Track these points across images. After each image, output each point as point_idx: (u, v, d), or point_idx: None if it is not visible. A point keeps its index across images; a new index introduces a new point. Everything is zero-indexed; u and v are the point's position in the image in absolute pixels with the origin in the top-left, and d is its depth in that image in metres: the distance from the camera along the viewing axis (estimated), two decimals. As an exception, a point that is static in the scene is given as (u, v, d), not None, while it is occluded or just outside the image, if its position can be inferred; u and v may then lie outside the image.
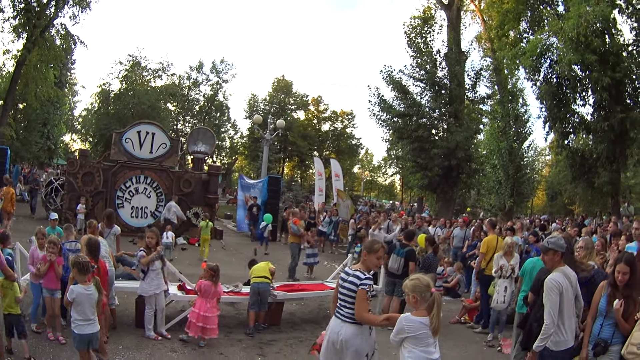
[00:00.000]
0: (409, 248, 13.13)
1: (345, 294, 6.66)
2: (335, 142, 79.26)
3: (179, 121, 70.14)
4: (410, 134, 36.53)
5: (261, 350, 10.47)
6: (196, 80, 69.82)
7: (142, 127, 27.02)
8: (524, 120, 43.09)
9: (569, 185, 46.21)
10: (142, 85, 58.32)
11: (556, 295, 6.76)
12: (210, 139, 32.80)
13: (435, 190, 39.04)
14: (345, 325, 6.59)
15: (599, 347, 7.12)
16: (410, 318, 5.94)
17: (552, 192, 72.01)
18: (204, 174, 29.27)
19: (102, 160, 27.04)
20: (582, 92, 32.84)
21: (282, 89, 76.90)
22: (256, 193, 31.40)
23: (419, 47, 37.74)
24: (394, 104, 38.53)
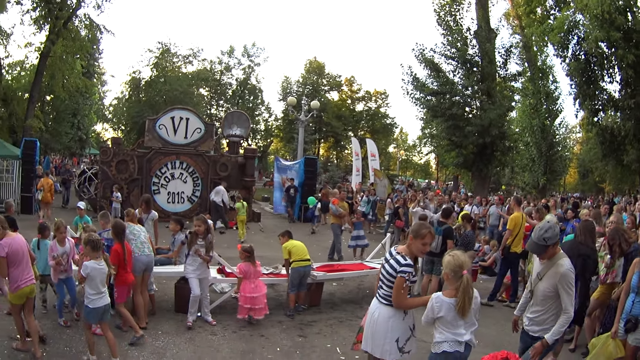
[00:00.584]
0: (446, 226, 13.11)
1: (384, 275, 6.53)
2: (369, 121, 78.71)
3: (212, 106, 70.32)
4: (444, 112, 36.36)
5: (301, 332, 10.52)
6: (228, 64, 69.75)
7: (175, 112, 27.12)
8: (554, 97, 42.86)
9: (600, 163, 45.96)
10: (173, 71, 58.40)
11: (573, 286, 6.13)
12: (245, 122, 32.80)
13: (471, 168, 38.91)
14: (380, 306, 6.55)
15: (630, 323, 7.23)
16: (441, 298, 5.99)
17: (583, 169, 71.58)
18: (240, 157, 29.35)
19: (136, 148, 27.22)
20: (609, 69, 32.66)
21: (314, 71, 76.64)
22: (292, 175, 31.55)
23: (449, 25, 37.51)
24: (426, 83, 38.39)
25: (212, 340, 9.73)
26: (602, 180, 64.45)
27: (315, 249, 20.63)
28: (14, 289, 8.19)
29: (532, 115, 42.38)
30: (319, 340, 10.08)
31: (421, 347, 9.12)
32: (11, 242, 8.18)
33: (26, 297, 8.32)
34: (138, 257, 10.24)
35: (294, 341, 9.95)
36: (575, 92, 34.12)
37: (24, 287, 8.21)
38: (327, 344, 9.88)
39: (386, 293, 6.46)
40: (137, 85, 57.22)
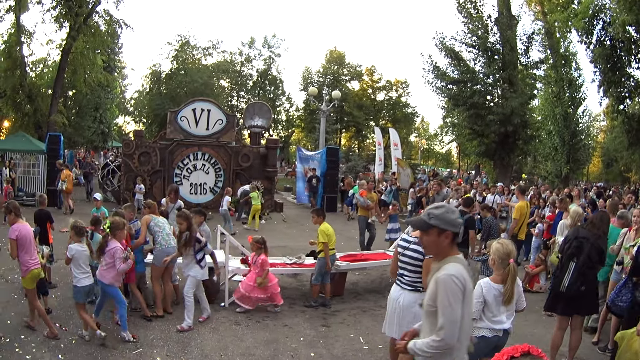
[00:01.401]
0: (468, 216, 12.97)
1: (408, 262, 7.04)
2: (390, 111, 78.31)
3: (233, 97, 69.95)
4: (466, 100, 36.25)
5: (325, 321, 10.55)
6: (248, 56, 69.53)
7: (197, 104, 27.15)
8: (577, 85, 42.52)
9: (626, 152, 45.52)
10: (193, 63, 58.45)
11: (456, 302, 4.22)
12: (267, 112, 32.81)
13: (493, 157, 38.76)
14: (405, 292, 7.00)
15: None
16: (489, 283, 6.31)
17: (607, 159, 70.93)
18: (262, 147, 29.34)
19: (158, 140, 27.34)
20: (638, 54, 32.13)
21: (335, 60, 76.20)
22: (315, 165, 31.40)
23: (469, 13, 37.32)
24: (447, 71, 38.27)
25: (235, 330, 9.78)
26: (628, 169, 64.03)
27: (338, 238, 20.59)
28: (25, 272, 8.93)
29: (555, 104, 42.08)
30: (342, 330, 10.09)
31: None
32: (21, 228, 9.02)
33: (37, 279, 9.11)
34: (165, 249, 10.41)
35: (318, 331, 9.97)
36: (600, 79, 33.74)
37: (32, 269, 8.95)
38: (350, 334, 9.89)
39: (410, 279, 7.00)
40: (157, 78, 57.31)
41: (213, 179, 27.04)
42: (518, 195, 14.83)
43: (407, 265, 7.09)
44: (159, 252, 10.38)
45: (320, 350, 9.02)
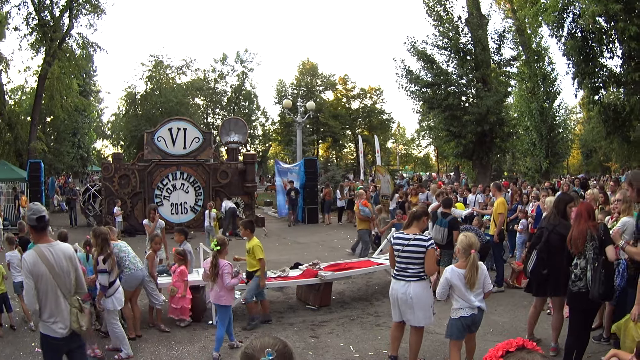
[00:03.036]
0: (451, 217, 13.10)
1: (412, 257, 8.06)
2: (366, 118, 78.64)
3: (208, 114, 70.11)
4: (440, 102, 36.17)
5: (314, 332, 10.49)
6: (222, 72, 69.70)
7: (173, 123, 27.32)
8: (551, 79, 42.75)
9: (604, 142, 45.76)
10: (168, 83, 58.53)
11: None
12: (243, 128, 32.83)
13: (471, 157, 38.73)
14: (411, 284, 8.02)
15: None
16: (453, 269, 7.57)
17: (587, 150, 71.22)
18: (240, 163, 29.38)
19: (137, 161, 27.42)
20: (609, 44, 32.19)
21: (308, 72, 76.43)
22: (293, 177, 31.50)
23: (439, 15, 37.34)
24: (420, 75, 38.23)
25: (225, 347, 9.65)
26: (608, 159, 64.39)
27: (321, 249, 20.67)
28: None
29: (530, 99, 42.30)
30: (331, 340, 10.05)
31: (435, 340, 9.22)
32: None
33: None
34: (134, 273, 10.26)
35: (307, 342, 9.93)
36: (574, 71, 33.72)
37: None
38: (340, 343, 9.86)
39: (415, 271, 8.05)
40: (132, 99, 57.30)
41: (193, 197, 27.07)
42: (495, 192, 14.98)
43: (411, 259, 8.07)
44: (128, 276, 10.20)
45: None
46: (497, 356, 2.50)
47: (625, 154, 44.10)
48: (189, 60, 64.82)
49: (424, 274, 8.09)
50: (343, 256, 18.34)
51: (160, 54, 59.08)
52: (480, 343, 8.51)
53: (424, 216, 8.58)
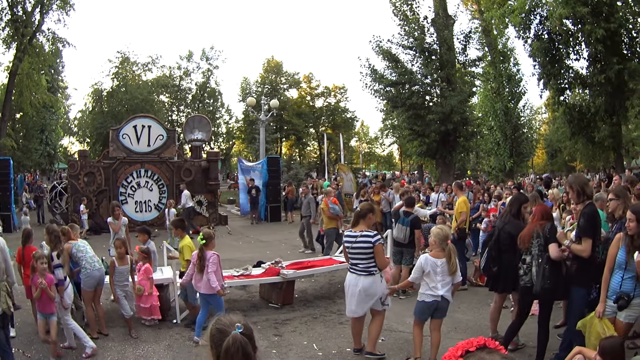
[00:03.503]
0: (413, 216, 13.15)
1: (360, 252, 8.62)
2: (330, 117, 78.68)
3: (173, 112, 69.53)
4: (404, 101, 36.21)
5: (277, 330, 10.52)
6: (187, 69, 69.28)
7: (137, 121, 27.26)
8: (517, 79, 43.01)
9: (569, 142, 46.13)
10: (134, 80, 58.22)
11: None
12: (206, 125, 32.87)
13: (434, 156, 38.83)
14: (361, 277, 8.62)
15: (622, 300, 7.14)
16: (427, 257, 8.28)
17: (551, 149, 71.58)
18: (203, 161, 29.40)
19: (102, 159, 27.33)
20: (576, 47, 32.57)
21: (272, 70, 76.14)
22: (256, 175, 31.51)
23: (405, 15, 37.40)
24: (385, 74, 38.28)
25: (189, 346, 9.72)
26: (573, 159, 64.88)
27: (284, 247, 20.70)
28: None
29: (495, 99, 42.47)
30: (295, 338, 10.09)
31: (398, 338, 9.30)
32: None
33: None
34: (90, 273, 10.14)
35: (270, 340, 9.94)
36: (539, 72, 34.08)
37: None
38: (303, 341, 9.90)
39: (365, 265, 8.59)
40: (99, 96, 56.90)
41: (157, 195, 27.08)
42: (457, 191, 15.15)
43: (360, 254, 8.63)
44: (85, 276, 10.11)
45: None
46: (457, 356, 2.51)
47: (590, 154, 44.57)
48: (155, 56, 64.92)
49: (374, 269, 8.64)
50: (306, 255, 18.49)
51: (127, 50, 58.80)
52: (444, 341, 8.67)
53: (369, 213, 9.04)
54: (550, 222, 8.17)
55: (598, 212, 7.89)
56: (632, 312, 7.13)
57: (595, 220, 7.70)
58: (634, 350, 8.44)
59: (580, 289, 7.85)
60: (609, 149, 34.74)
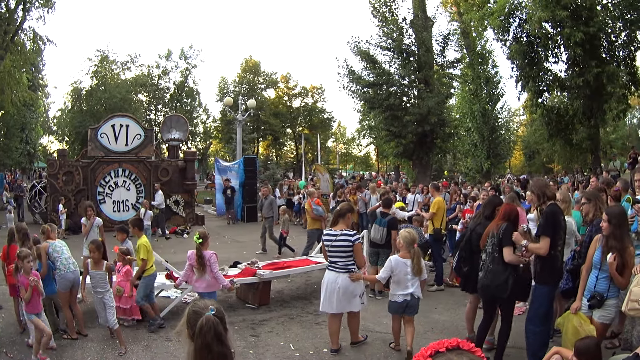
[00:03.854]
0: (390, 217, 13.27)
1: (339, 250, 9.04)
2: (307, 117, 79.00)
3: (151, 111, 68.80)
4: (382, 102, 36.27)
5: (254, 331, 10.54)
6: (165, 68, 68.66)
7: (115, 120, 27.20)
8: (495, 81, 43.29)
9: (546, 144, 46.47)
10: (112, 79, 57.92)
11: None
12: (184, 125, 32.86)
13: (411, 157, 38.85)
14: (340, 274, 9.00)
15: (594, 300, 7.34)
16: (397, 258, 8.93)
17: (529, 151, 72.08)
18: (180, 161, 29.40)
19: (80, 158, 27.11)
20: (554, 49, 32.78)
21: (250, 69, 76.37)
22: (232, 175, 31.51)
23: (384, 16, 37.40)
24: (362, 75, 38.36)
25: (167, 346, 9.74)
26: (550, 160, 65.25)
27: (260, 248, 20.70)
28: None
29: (473, 101, 42.76)
30: (272, 339, 10.14)
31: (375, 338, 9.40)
32: None
33: None
34: (64, 274, 10.13)
35: (247, 341, 9.97)
36: (518, 74, 34.24)
37: None
38: (280, 342, 9.95)
39: (344, 263, 9.02)
40: (78, 95, 56.54)
41: (134, 195, 26.97)
42: (433, 192, 15.28)
43: (339, 252, 9.05)
44: (59, 277, 10.11)
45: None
46: (426, 356, 2.56)
47: (568, 156, 44.78)
48: (134, 55, 64.35)
49: (353, 266, 9.10)
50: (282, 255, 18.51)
51: (106, 49, 58.76)
52: (420, 341, 9.15)
53: (349, 213, 9.51)
54: (507, 223, 8.21)
55: (559, 212, 7.98)
56: (606, 312, 7.31)
57: (555, 219, 7.81)
58: (612, 350, 8.53)
59: (542, 287, 7.99)
60: (587, 151, 35.04)
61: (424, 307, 10.37)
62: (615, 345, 8.89)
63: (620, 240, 7.17)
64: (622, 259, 7.07)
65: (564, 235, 8.07)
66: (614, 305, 7.27)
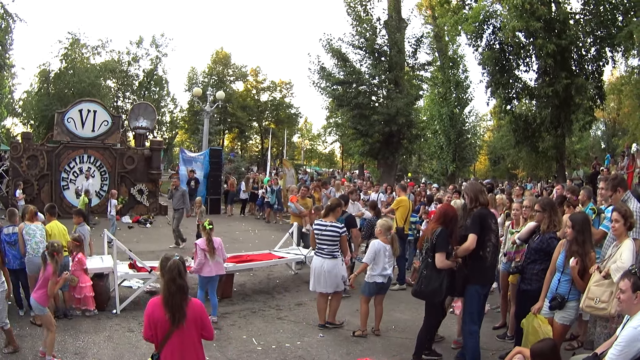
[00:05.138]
0: (347, 214, 13.49)
1: (326, 239, 10.37)
2: (274, 112, 78.89)
3: (119, 98, 67.97)
4: (350, 101, 36.67)
5: (215, 324, 10.29)
6: (136, 55, 67.93)
7: (83, 105, 27.04)
8: (464, 86, 43.60)
9: (512, 150, 46.94)
10: (82, 63, 57.04)
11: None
12: (151, 113, 32.73)
13: (377, 156, 39.09)
14: (326, 260, 10.30)
15: (555, 301, 7.46)
16: (379, 242, 10.08)
17: (494, 156, 72.55)
18: (146, 149, 29.35)
19: (46, 142, 26.89)
20: (526, 59, 33.13)
21: (220, 61, 76.24)
22: (197, 166, 31.17)
23: (359, 15, 37.61)
24: (333, 72, 38.65)
25: (130, 337, 9.64)
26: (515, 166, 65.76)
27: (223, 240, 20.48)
28: None
29: (441, 104, 43.14)
30: (234, 332, 10.14)
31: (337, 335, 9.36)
32: None
33: None
34: (31, 258, 10.15)
35: (210, 333, 9.82)
36: (488, 80, 34.48)
37: None
38: (242, 335, 9.95)
39: (330, 250, 10.33)
40: (46, 77, 55.43)
41: (99, 182, 26.85)
42: (399, 192, 15.39)
43: (327, 240, 10.36)
44: (27, 260, 10.21)
45: (214, 354, 8.95)
46: None
47: (533, 163, 45.34)
48: (105, 40, 63.65)
49: (337, 253, 10.38)
50: (245, 248, 18.14)
51: (77, 32, 57.75)
52: (382, 339, 10.02)
53: (338, 207, 10.98)
54: (442, 228, 8.31)
55: (489, 216, 8.31)
56: (567, 314, 7.46)
57: (482, 220, 8.10)
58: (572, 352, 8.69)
59: (472, 286, 8.27)
60: (552, 159, 35.43)
61: (385, 306, 10.63)
62: (574, 346, 9.13)
63: (582, 246, 7.33)
64: (583, 264, 7.26)
65: (494, 237, 8.31)
66: (574, 308, 7.43)
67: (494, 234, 8.26)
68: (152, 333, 5.33)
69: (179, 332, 5.26)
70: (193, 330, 5.39)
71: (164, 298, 5.19)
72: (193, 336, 5.42)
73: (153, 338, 5.37)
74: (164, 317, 5.19)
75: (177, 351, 5.31)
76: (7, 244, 10.34)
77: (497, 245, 8.66)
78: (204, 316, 5.45)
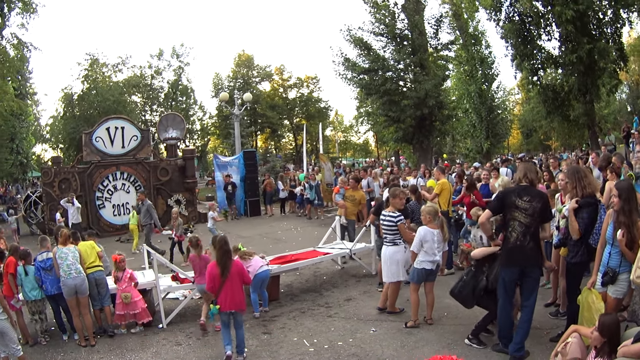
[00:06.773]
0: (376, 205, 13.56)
1: (386, 228, 10.69)
2: (304, 107, 78.84)
3: (146, 112, 68.34)
4: (378, 88, 36.33)
5: (265, 328, 10.34)
6: (158, 68, 68.25)
7: (110, 123, 26.97)
8: (489, 62, 43.19)
9: (544, 121, 46.62)
10: (104, 81, 57.19)
11: None
12: (180, 123, 32.56)
13: (411, 141, 38.84)
14: (387, 248, 10.69)
15: (607, 276, 7.29)
16: (426, 228, 9.80)
17: (526, 129, 72.12)
18: (179, 159, 29.16)
19: (76, 164, 26.91)
20: (547, 27, 32.85)
21: (244, 64, 76.43)
22: (233, 170, 31.31)
23: (375, 2, 37.35)
24: (357, 62, 38.25)
25: (178, 350, 9.52)
26: (548, 137, 65.28)
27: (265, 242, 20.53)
28: None
29: (469, 82, 42.71)
30: (284, 335, 9.93)
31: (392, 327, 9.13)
32: None
33: None
34: (64, 281, 10.05)
35: (260, 339, 9.77)
36: (512, 53, 34.23)
37: None
38: (293, 338, 9.75)
39: (391, 238, 10.64)
40: (70, 100, 55.77)
41: (134, 197, 26.47)
42: (439, 175, 15.10)
43: (386, 230, 10.70)
44: (62, 284, 10.09)
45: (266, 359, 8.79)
46: None
47: (566, 132, 44.92)
48: (125, 57, 64.18)
49: (399, 240, 10.58)
50: (288, 247, 17.97)
51: (96, 52, 58.08)
52: (435, 328, 9.75)
53: (392, 198, 10.83)
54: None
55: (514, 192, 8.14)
56: (619, 287, 7.31)
57: (503, 197, 8.20)
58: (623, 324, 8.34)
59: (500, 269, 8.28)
60: (584, 126, 35.03)
61: (435, 294, 10.25)
62: (625, 317, 8.56)
63: (629, 216, 7.12)
64: (630, 235, 7.03)
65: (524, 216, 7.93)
66: (626, 280, 7.21)
67: (523, 212, 7.91)
68: (212, 285, 8.61)
69: (228, 281, 8.55)
70: (236, 279, 8.69)
71: (217, 260, 8.67)
72: (237, 283, 8.71)
73: (213, 289, 8.64)
74: (218, 272, 8.55)
75: (229, 293, 8.55)
76: (43, 270, 10.28)
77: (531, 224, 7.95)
78: (242, 270, 8.98)
